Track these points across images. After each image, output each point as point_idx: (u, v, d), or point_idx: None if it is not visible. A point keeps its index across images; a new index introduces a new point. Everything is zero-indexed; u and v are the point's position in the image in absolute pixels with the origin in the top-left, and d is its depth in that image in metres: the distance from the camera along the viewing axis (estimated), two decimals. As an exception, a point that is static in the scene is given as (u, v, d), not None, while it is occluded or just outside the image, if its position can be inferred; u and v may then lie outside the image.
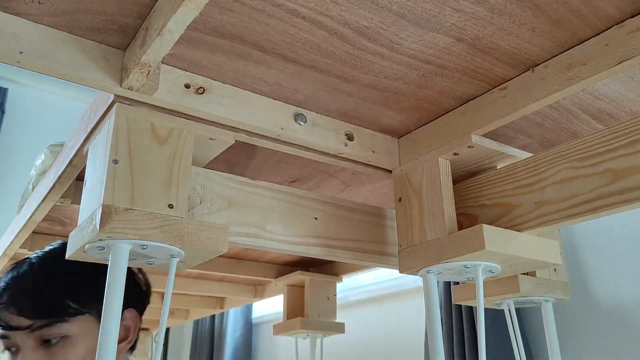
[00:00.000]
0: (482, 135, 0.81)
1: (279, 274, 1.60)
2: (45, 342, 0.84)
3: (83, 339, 0.86)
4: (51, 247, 1.01)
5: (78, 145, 0.79)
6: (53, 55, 0.63)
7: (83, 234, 0.65)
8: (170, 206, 0.67)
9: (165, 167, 0.69)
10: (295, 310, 1.53)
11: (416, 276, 0.83)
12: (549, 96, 0.71)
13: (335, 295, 1.55)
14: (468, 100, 0.81)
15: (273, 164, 1.01)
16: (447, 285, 1.82)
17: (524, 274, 0.96)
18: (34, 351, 0.82)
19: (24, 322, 0.83)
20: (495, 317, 1.65)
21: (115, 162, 0.65)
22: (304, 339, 1.56)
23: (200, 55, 0.69)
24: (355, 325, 2.33)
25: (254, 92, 0.77)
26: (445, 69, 0.73)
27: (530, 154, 0.91)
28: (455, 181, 0.90)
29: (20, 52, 0.61)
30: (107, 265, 0.63)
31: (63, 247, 1.01)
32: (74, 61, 0.64)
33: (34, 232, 1.22)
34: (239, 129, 0.77)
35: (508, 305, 1.09)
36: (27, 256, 1.02)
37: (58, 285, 0.87)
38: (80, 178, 0.82)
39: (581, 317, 1.55)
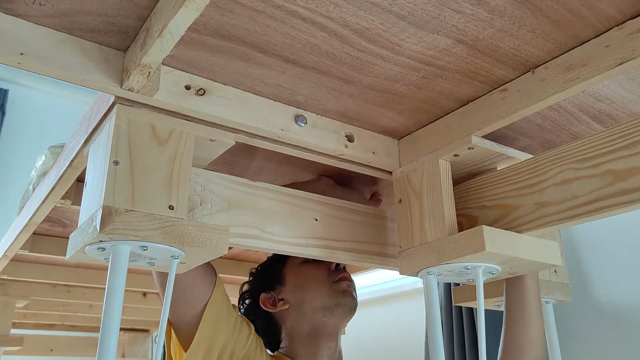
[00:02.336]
0: (482, 137, 0.81)
1: (279, 275, 1.60)
2: None
3: None
4: None
5: (78, 147, 0.79)
6: (54, 57, 0.63)
7: (83, 235, 0.65)
8: (171, 207, 0.67)
9: (165, 168, 0.69)
10: (296, 311, 1.52)
11: (416, 277, 0.83)
12: (549, 97, 0.71)
13: (336, 296, 1.55)
14: (468, 102, 0.81)
15: (273, 165, 1.01)
16: (448, 286, 1.82)
17: (524, 275, 0.96)
18: None
19: None
20: (495, 319, 1.65)
21: (116, 163, 0.65)
22: (304, 340, 1.55)
23: (200, 57, 0.69)
24: (356, 327, 2.32)
25: (254, 94, 0.77)
26: (446, 71, 0.73)
27: (531, 155, 0.91)
28: (456, 182, 0.90)
29: (21, 54, 0.61)
30: None
31: None
32: (74, 62, 0.64)
33: (34, 234, 1.22)
34: (239, 130, 0.77)
35: (508, 306, 1.08)
36: None
37: None
38: (81, 179, 0.82)
39: (581, 319, 1.55)
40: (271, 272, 1.16)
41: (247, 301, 1.20)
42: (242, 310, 1.20)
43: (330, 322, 1.09)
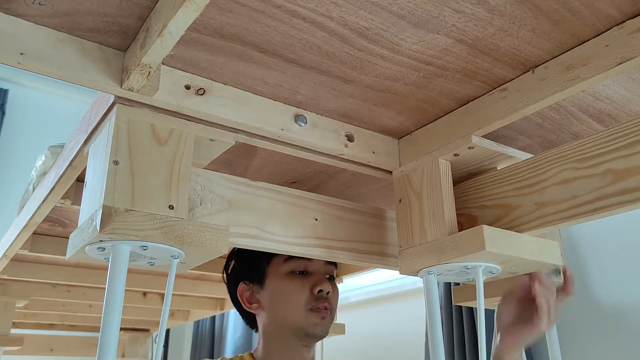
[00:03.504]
0: (482, 136, 0.81)
1: (279, 275, 1.60)
2: (330, 276, 1.14)
3: None
4: None
5: (78, 146, 0.79)
6: (53, 57, 0.63)
7: (83, 235, 0.65)
8: (171, 207, 0.67)
9: (165, 168, 0.69)
10: (296, 311, 1.52)
11: (416, 277, 0.83)
12: (549, 97, 0.71)
13: (336, 296, 1.55)
14: (468, 101, 0.81)
15: (273, 165, 1.01)
16: (448, 286, 1.82)
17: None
18: (322, 277, 1.11)
19: None
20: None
21: (116, 163, 0.65)
22: (304, 340, 1.55)
23: (200, 57, 0.69)
24: (356, 326, 2.33)
25: (254, 93, 0.77)
26: (446, 70, 0.73)
27: (531, 155, 0.91)
28: (456, 182, 0.90)
29: (21, 54, 0.61)
30: None
31: None
32: (74, 62, 0.64)
33: (34, 233, 1.22)
34: (239, 130, 0.77)
35: (508, 306, 1.08)
36: None
37: None
38: (81, 179, 0.82)
39: (581, 318, 1.55)
40: (255, 265, 1.13)
41: (230, 269, 1.19)
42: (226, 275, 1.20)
43: (300, 342, 1.08)
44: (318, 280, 1.10)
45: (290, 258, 1.11)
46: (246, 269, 1.15)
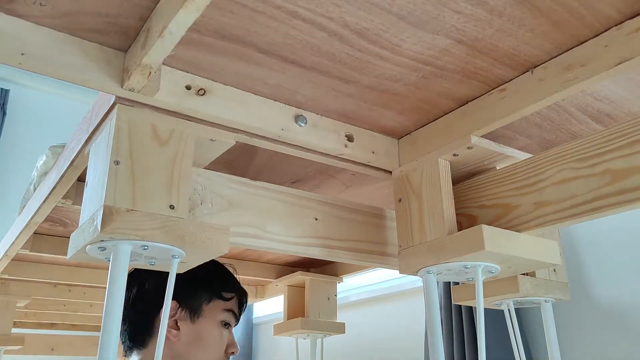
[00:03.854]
0: (481, 136, 0.82)
1: (279, 275, 1.60)
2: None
3: None
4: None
5: (79, 146, 0.80)
6: (54, 57, 0.63)
7: (84, 234, 0.66)
8: (171, 207, 0.67)
9: (166, 168, 0.69)
10: (296, 310, 1.53)
11: (416, 276, 0.83)
12: (547, 97, 0.71)
13: (336, 295, 1.55)
14: (467, 102, 0.81)
15: (273, 165, 1.02)
16: (447, 285, 1.83)
17: (523, 274, 0.96)
18: (233, 337, 1.13)
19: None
20: (495, 318, 1.65)
21: (117, 163, 0.66)
22: (305, 339, 1.56)
23: (201, 57, 0.69)
24: (356, 326, 2.33)
25: (254, 94, 0.78)
26: (445, 70, 0.73)
27: (530, 155, 0.91)
28: (455, 182, 0.90)
29: (22, 54, 0.61)
30: None
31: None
32: (75, 63, 0.64)
33: (35, 233, 1.22)
34: (239, 130, 0.77)
35: (508, 305, 1.09)
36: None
37: None
38: (82, 179, 0.83)
39: (581, 318, 1.56)
40: (196, 293, 1.07)
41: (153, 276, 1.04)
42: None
43: None
44: (233, 340, 1.10)
45: (228, 310, 1.09)
46: (188, 294, 1.06)
